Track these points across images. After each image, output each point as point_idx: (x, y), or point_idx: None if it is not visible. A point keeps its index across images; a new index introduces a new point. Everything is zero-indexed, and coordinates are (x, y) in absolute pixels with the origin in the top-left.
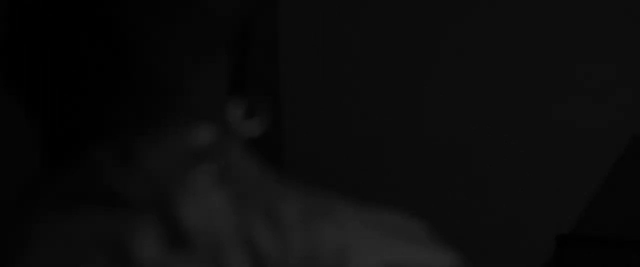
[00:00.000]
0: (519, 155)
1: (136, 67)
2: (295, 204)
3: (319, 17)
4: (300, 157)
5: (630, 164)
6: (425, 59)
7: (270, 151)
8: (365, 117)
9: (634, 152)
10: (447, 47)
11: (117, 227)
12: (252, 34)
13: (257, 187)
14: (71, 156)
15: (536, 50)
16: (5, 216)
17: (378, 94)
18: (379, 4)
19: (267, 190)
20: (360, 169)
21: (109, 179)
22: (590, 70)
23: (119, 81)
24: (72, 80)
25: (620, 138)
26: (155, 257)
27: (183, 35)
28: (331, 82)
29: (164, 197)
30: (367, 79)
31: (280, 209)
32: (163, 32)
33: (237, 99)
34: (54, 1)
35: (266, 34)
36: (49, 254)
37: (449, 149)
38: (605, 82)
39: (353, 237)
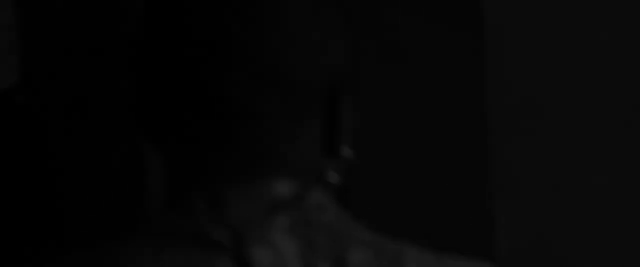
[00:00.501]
0: None
1: (236, 130)
2: (363, 251)
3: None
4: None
5: None
6: None
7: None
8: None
9: None
10: None
11: (197, 264)
12: (341, 97)
13: (329, 236)
14: (173, 198)
15: None
16: (107, 248)
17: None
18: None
19: (339, 238)
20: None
21: (197, 223)
22: None
23: (222, 140)
24: (182, 136)
25: None
26: None
27: (278, 102)
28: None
29: (241, 242)
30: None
31: (348, 256)
32: (261, 100)
33: (328, 155)
34: (174, 72)
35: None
36: None
37: None
38: None
39: None
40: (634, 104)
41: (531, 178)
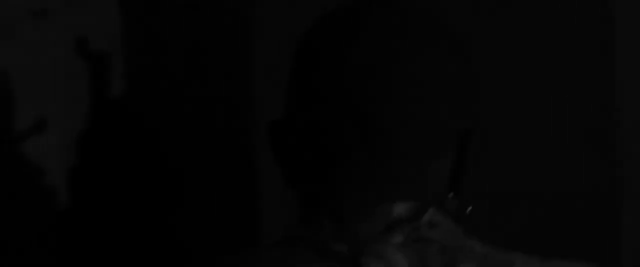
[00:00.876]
0: None
1: (376, 161)
2: (474, 262)
3: None
4: None
5: None
6: None
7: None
8: None
9: None
10: None
11: None
12: (471, 140)
13: (439, 250)
14: (305, 213)
15: None
16: (248, 252)
17: None
18: None
19: (449, 251)
20: None
21: (322, 235)
22: None
23: (360, 168)
24: (324, 159)
25: None
26: None
27: (418, 139)
28: None
29: (358, 254)
30: None
31: None
32: (403, 136)
33: (452, 190)
34: (324, 94)
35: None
36: None
37: None
38: None
39: None
40: None
41: None
